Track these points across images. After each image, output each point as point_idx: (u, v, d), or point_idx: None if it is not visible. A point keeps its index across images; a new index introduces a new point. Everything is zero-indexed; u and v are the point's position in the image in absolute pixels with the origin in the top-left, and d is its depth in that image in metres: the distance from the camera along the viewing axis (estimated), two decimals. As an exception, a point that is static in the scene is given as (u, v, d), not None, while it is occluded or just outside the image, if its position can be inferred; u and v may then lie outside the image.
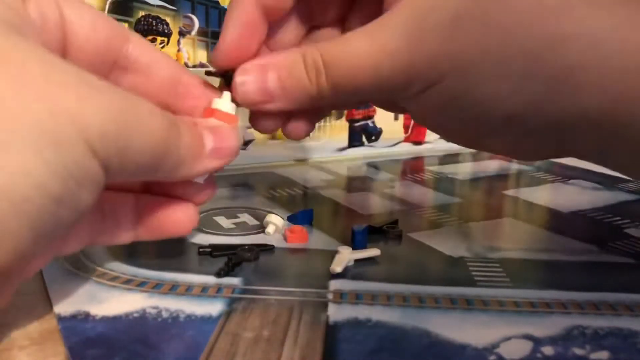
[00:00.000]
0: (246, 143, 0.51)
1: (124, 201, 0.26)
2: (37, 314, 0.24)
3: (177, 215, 0.26)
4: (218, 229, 0.34)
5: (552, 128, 0.24)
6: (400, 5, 0.24)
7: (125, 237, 0.26)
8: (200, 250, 0.30)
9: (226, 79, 0.26)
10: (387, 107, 0.31)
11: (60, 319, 0.23)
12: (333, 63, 0.24)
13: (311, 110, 0.29)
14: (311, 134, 0.32)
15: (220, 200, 0.41)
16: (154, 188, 0.26)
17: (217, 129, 0.24)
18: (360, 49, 0.24)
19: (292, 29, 0.29)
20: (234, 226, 0.35)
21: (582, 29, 0.22)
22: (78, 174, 0.18)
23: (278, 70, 0.25)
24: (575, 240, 0.34)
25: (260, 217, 0.36)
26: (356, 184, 0.47)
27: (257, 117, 0.27)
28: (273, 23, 0.28)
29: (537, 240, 0.35)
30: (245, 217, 0.37)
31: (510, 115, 0.23)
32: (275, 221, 0.34)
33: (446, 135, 0.29)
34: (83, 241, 0.25)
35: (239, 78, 0.25)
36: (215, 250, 0.30)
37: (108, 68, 0.24)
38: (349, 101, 0.30)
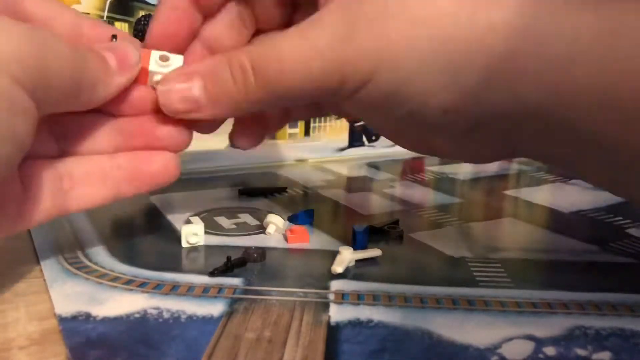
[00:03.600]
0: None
1: (97, 162, 0.26)
2: (37, 314, 0.24)
3: (159, 163, 0.26)
4: (219, 229, 0.34)
5: (494, 122, 0.24)
6: (332, 3, 0.24)
7: (107, 193, 0.26)
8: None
9: None
10: (328, 109, 0.31)
11: (61, 319, 0.23)
12: (262, 64, 0.24)
13: (255, 121, 0.30)
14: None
15: (220, 200, 0.41)
16: (131, 142, 0.26)
17: (113, 47, 0.25)
18: (291, 48, 0.23)
19: (235, 31, 0.29)
20: (234, 226, 0.35)
21: (513, 16, 0.21)
22: (8, 103, 0.19)
23: (202, 77, 0.25)
24: (577, 240, 0.34)
25: (260, 217, 0.36)
26: (357, 184, 0.47)
27: (192, 125, 0.27)
28: (209, 16, 0.28)
29: (538, 241, 0.35)
30: (245, 218, 0.37)
31: (447, 108, 0.23)
32: (276, 221, 0.34)
33: (391, 137, 0.29)
34: (48, 205, 0.25)
35: (162, 87, 0.25)
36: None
37: None
38: (282, 105, 0.30)
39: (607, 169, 0.24)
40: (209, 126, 0.30)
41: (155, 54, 0.26)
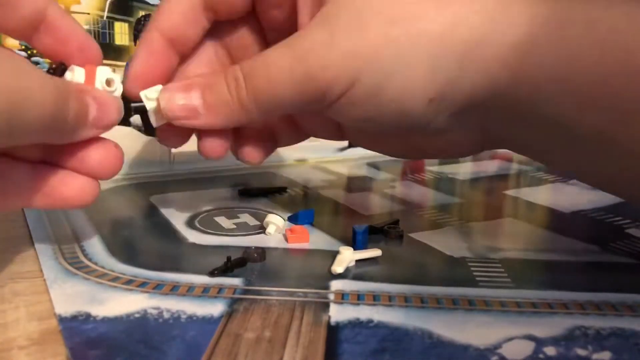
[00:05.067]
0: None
1: (20, 169, 0.26)
2: (37, 314, 0.24)
3: (74, 186, 0.26)
4: (218, 229, 0.34)
5: (472, 109, 0.26)
6: (315, 17, 0.25)
7: (17, 202, 0.26)
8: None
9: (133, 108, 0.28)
10: (322, 129, 0.33)
11: (61, 319, 0.23)
12: (252, 75, 0.25)
13: (263, 135, 0.31)
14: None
15: (220, 200, 0.41)
16: (53, 158, 0.26)
17: (100, 100, 0.25)
18: (276, 56, 0.25)
19: (211, 68, 0.31)
20: (234, 226, 0.35)
21: (476, 9, 0.24)
22: None
23: (201, 87, 0.27)
24: (577, 240, 0.34)
25: (260, 217, 0.36)
26: (357, 184, 0.47)
27: (199, 136, 0.30)
28: (186, 55, 0.30)
29: (539, 241, 0.35)
30: (245, 218, 0.37)
31: (431, 97, 0.25)
32: (276, 221, 0.34)
33: (375, 145, 0.32)
34: None
35: (164, 98, 0.27)
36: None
37: None
38: (275, 115, 0.31)
39: (573, 155, 0.26)
40: (179, 140, 0.30)
41: (101, 73, 0.26)
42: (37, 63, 0.42)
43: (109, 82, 0.26)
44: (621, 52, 0.22)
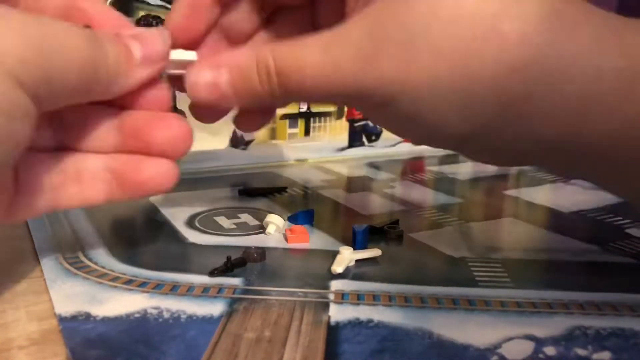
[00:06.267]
0: (246, 143, 0.51)
1: (93, 161, 0.25)
2: (37, 314, 0.24)
3: (156, 170, 0.25)
4: (218, 229, 0.34)
5: (512, 150, 0.24)
6: (360, 16, 0.23)
7: (98, 195, 0.25)
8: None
9: None
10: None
11: (61, 319, 0.23)
12: (284, 71, 0.24)
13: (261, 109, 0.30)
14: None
15: (220, 200, 0.41)
16: (129, 143, 0.26)
17: (141, 36, 0.24)
18: (313, 60, 0.23)
19: (253, 16, 0.29)
20: (234, 226, 0.35)
21: (537, 56, 0.21)
22: (7, 108, 0.19)
23: (231, 71, 0.25)
24: (577, 240, 0.34)
25: (260, 217, 0.36)
26: (356, 184, 0.47)
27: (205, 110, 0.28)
28: (229, 4, 0.28)
29: (538, 241, 0.35)
30: (245, 218, 0.37)
31: (464, 136, 0.23)
32: (276, 221, 0.34)
33: (406, 137, 0.30)
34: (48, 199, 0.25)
35: (191, 76, 0.25)
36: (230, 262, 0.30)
37: None
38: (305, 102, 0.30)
39: (630, 182, 0.24)
40: (214, 116, 0.29)
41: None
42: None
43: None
44: None
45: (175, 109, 0.26)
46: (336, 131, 0.55)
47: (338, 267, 0.28)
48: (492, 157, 0.26)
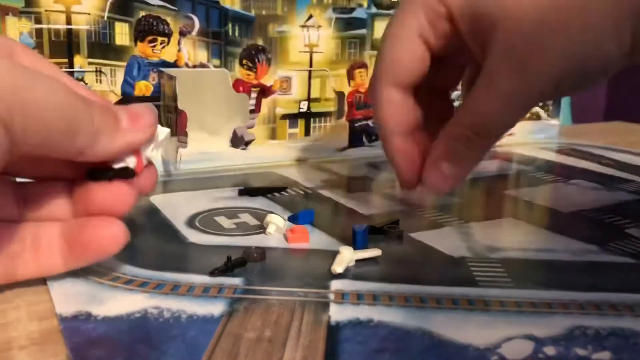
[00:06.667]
0: (246, 143, 0.51)
1: (49, 229, 0.26)
2: (38, 314, 0.24)
3: (103, 233, 0.25)
4: (219, 229, 0.34)
5: None
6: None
7: (55, 262, 0.26)
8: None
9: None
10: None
11: (62, 319, 0.23)
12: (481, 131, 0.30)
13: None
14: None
15: (220, 200, 0.41)
16: (81, 205, 0.26)
17: (129, 108, 0.25)
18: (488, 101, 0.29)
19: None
20: (234, 226, 0.35)
21: None
22: None
23: (447, 159, 0.31)
24: (576, 240, 0.34)
25: (260, 218, 0.36)
26: (357, 184, 0.47)
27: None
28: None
29: (538, 241, 0.35)
30: (245, 218, 0.37)
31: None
32: (276, 221, 0.34)
33: None
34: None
35: (429, 174, 0.32)
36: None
37: None
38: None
39: None
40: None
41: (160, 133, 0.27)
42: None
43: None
44: None
45: (175, 109, 0.26)
46: (336, 131, 0.55)
47: (338, 267, 0.28)
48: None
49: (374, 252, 0.30)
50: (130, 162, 0.26)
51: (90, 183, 0.25)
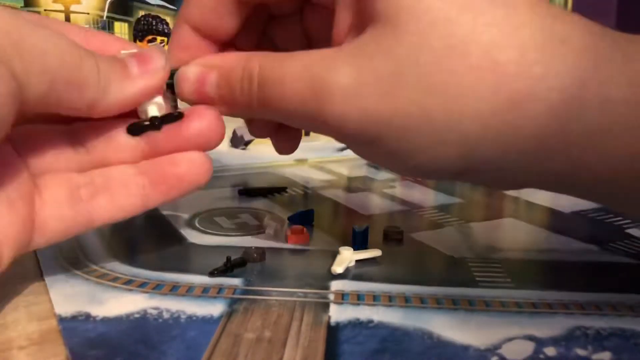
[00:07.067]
0: (246, 143, 0.51)
1: (122, 170, 0.25)
2: (37, 314, 0.24)
3: (193, 162, 0.24)
4: (218, 230, 0.34)
5: (512, 180, 0.23)
6: (350, 44, 0.22)
7: (133, 201, 0.25)
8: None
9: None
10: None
11: (61, 319, 0.23)
12: (266, 84, 0.23)
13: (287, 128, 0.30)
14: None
15: (220, 200, 0.41)
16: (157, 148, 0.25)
17: (137, 53, 0.24)
18: (295, 79, 0.22)
19: (245, 19, 0.28)
20: (234, 226, 0.35)
21: (539, 89, 0.20)
22: None
23: (218, 74, 0.24)
24: (577, 240, 0.34)
25: (260, 218, 0.36)
26: (357, 184, 0.47)
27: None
28: (229, 41, 0.28)
29: (539, 241, 0.35)
30: (245, 218, 0.37)
31: (458, 172, 0.22)
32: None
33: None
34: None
35: (180, 76, 0.25)
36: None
37: None
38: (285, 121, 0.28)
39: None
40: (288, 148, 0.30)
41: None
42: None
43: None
44: None
45: (175, 109, 0.26)
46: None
47: (338, 268, 0.28)
48: (493, 183, 0.25)
49: (374, 253, 0.30)
50: (152, 110, 0.24)
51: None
